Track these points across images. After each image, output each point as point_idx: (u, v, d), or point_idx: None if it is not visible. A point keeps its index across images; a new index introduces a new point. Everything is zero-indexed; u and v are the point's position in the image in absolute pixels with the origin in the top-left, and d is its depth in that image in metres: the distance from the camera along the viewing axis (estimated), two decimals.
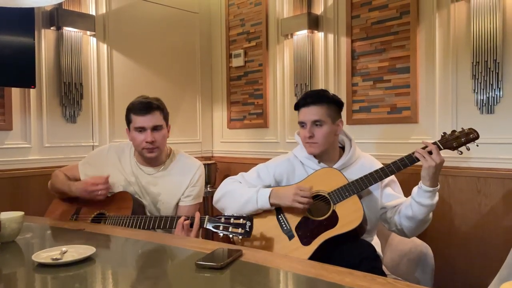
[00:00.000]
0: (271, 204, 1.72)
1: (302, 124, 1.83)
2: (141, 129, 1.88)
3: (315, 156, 1.84)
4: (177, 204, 1.98)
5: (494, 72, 2.15)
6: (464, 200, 2.28)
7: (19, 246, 1.44)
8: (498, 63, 2.13)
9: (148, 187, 1.95)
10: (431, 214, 1.71)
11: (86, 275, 1.13)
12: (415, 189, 1.68)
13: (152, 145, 1.88)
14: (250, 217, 1.55)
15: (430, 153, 1.61)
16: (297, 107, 1.87)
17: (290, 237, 1.68)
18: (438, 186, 1.65)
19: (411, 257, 1.86)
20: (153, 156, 1.91)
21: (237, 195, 1.80)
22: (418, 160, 1.64)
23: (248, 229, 1.52)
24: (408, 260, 1.87)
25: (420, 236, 1.92)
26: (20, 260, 1.34)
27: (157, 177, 1.96)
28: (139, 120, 1.88)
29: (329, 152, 1.84)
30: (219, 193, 1.88)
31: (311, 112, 1.80)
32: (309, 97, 1.84)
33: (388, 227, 1.83)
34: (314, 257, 1.58)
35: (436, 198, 1.66)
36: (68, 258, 1.18)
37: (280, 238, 1.69)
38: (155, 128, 1.89)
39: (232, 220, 1.55)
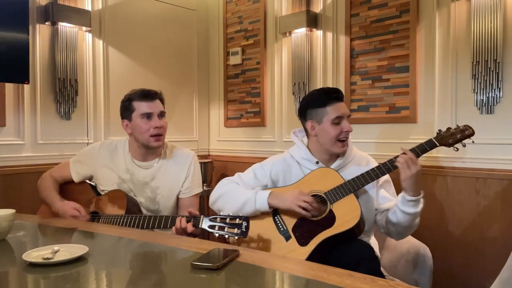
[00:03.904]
0: (270, 205, 1.68)
1: (339, 119, 1.75)
2: (148, 115, 1.85)
3: (314, 156, 1.81)
4: (177, 196, 1.96)
5: (494, 72, 2.13)
6: (463, 200, 2.26)
7: (9, 245, 1.40)
8: (499, 63, 2.12)
9: (145, 182, 1.92)
10: (418, 220, 1.70)
11: (78, 275, 1.10)
12: (399, 197, 1.66)
13: (160, 131, 1.86)
14: (246, 217, 1.52)
15: (407, 161, 1.59)
16: (329, 101, 1.76)
17: (287, 238, 1.65)
18: (422, 194, 1.64)
19: (409, 258, 1.84)
20: (160, 144, 1.89)
21: (235, 196, 1.76)
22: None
23: (244, 229, 1.49)
24: (406, 261, 1.85)
25: (418, 237, 1.90)
26: (11, 259, 1.31)
27: (153, 171, 1.93)
28: (145, 106, 1.85)
29: None
30: (216, 194, 1.84)
31: (345, 107, 1.79)
32: (341, 93, 1.81)
33: (377, 229, 1.82)
34: (312, 257, 1.56)
35: (421, 205, 1.65)
36: (59, 257, 1.15)
37: (277, 239, 1.66)
38: (161, 115, 1.89)
39: (228, 220, 1.52)
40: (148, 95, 1.87)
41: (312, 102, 1.81)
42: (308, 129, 1.83)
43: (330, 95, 1.77)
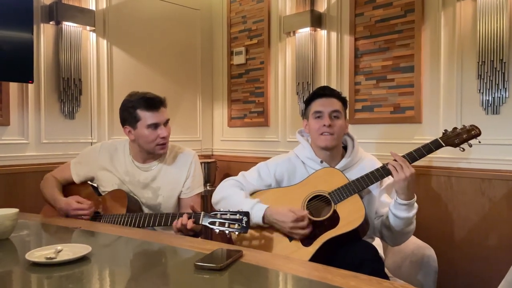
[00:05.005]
0: (265, 223, 1.66)
1: (318, 113, 1.76)
2: (155, 126, 1.83)
3: (317, 155, 1.80)
4: (178, 196, 1.95)
5: (500, 72, 2.12)
6: (468, 201, 2.24)
7: (13, 244, 1.40)
8: (505, 63, 2.10)
9: (146, 184, 1.91)
10: (413, 226, 1.68)
11: (81, 275, 1.09)
12: (392, 201, 1.65)
13: (166, 140, 1.86)
14: (246, 212, 1.51)
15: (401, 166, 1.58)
16: (312, 98, 1.81)
17: (291, 238, 1.64)
18: (415, 198, 1.62)
19: (414, 259, 1.82)
20: (165, 151, 1.90)
21: (234, 203, 1.74)
22: (419, 157, 1.61)
23: (245, 225, 1.48)
24: (410, 262, 1.83)
25: (422, 238, 1.88)
26: (14, 259, 1.31)
27: (155, 172, 1.93)
28: (152, 117, 1.82)
29: (334, 150, 1.80)
30: (218, 196, 1.83)
31: (330, 103, 1.77)
32: (327, 89, 1.82)
33: (373, 233, 1.79)
34: (315, 258, 1.55)
35: (414, 211, 1.63)
36: (62, 257, 1.15)
37: (280, 240, 1.65)
38: (166, 123, 1.88)
39: (228, 216, 1.51)
40: (153, 104, 1.83)
41: (305, 102, 1.87)
42: (304, 128, 1.88)
43: (314, 93, 1.83)
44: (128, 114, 1.86)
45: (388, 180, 1.74)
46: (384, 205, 1.75)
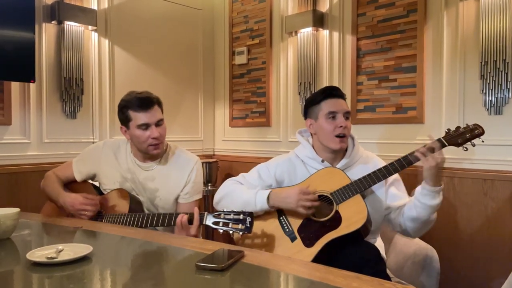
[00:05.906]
0: (271, 206, 1.68)
1: (332, 114, 1.75)
2: (146, 126, 1.82)
3: (319, 155, 1.79)
4: (176, 200, 1.94)
5: (503, 72, 2.11)
6: (470, 202, 2.23)
7: (14, 244, 1.40)
8: (507, 63, 2.09)
9: (145, 183, 1.91)
10: (435, 214, 1.67)
11: (82, 275, 1.09)
12: (418, 189, 1.63)
13: (158, 140, 1.84)
14: (250, 213, 1.52)
15: (432, 151, 1.56)
16: (323, 98, 1.78)
17: (293, 239, 1.64)
18: (442, 185, 1.61)
19: (416, 260, 1.82)
20: (158, 152, 1.88)
21: (236, 196, 1.75)
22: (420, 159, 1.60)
23: (248, 225, 1.49)
24: (412, 263, 1.83)
25: (425, 239, 1.88)
26: (15, 259, 1.30)
27: (154, 172, 1.92)
28: (142, 117, 1.81)
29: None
30: (219, 195, 1.84)
31: (342, 104, 1.78)
32: (338, 90, 1.81)
33: (391, 228, 1.79)
34: (317, 259, 1.54)
35: (440, 197, 1.62)
36: (63, 257, 1.15)
37: (282, 240, 1.65)
38: (158, 123, 1.85)
39: (232, 216, 1.52)
40: (144, 104, 1.82)
41: (310, 101, 1.84)
42: (308, 128, 1.85)
43: (325, 92, 1.80)
44: (121, 114, 1.87)
45: (393, 176, 1.73)
46: (396, 198, 1.74)
